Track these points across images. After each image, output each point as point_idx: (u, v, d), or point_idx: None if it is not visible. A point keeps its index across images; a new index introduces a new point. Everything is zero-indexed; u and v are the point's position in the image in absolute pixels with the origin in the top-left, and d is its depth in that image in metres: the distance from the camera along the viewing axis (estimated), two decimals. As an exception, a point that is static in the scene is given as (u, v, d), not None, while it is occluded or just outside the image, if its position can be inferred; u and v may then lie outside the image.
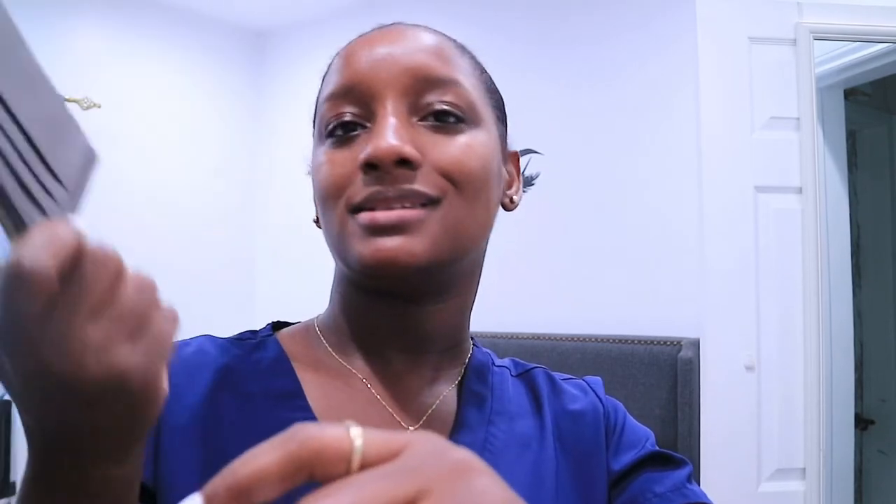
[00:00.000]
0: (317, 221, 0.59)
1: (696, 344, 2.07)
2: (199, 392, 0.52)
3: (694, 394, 2.04)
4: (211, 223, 3.41)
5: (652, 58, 2.50)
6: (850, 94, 2.62)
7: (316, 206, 0.57)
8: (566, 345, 2.44)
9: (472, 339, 0.62)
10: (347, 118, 0.52)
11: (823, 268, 1.93)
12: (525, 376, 0.64)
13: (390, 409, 0.55)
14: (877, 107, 2.96)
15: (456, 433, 0.55)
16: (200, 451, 0.50)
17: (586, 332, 2.45)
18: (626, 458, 0.59)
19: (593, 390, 0.64)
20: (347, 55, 0.54)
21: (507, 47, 2.89)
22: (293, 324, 0.62)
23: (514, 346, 2.56)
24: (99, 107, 3.01)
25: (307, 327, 0.61)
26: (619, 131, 2.58)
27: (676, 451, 0.61)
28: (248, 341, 0.58)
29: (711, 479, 1.79)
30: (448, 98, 0.52)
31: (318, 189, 0.53)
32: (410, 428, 0.54)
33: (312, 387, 0.55)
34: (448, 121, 0.52)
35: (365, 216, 0.49)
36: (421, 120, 0.52)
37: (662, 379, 2.17)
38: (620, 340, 2.33)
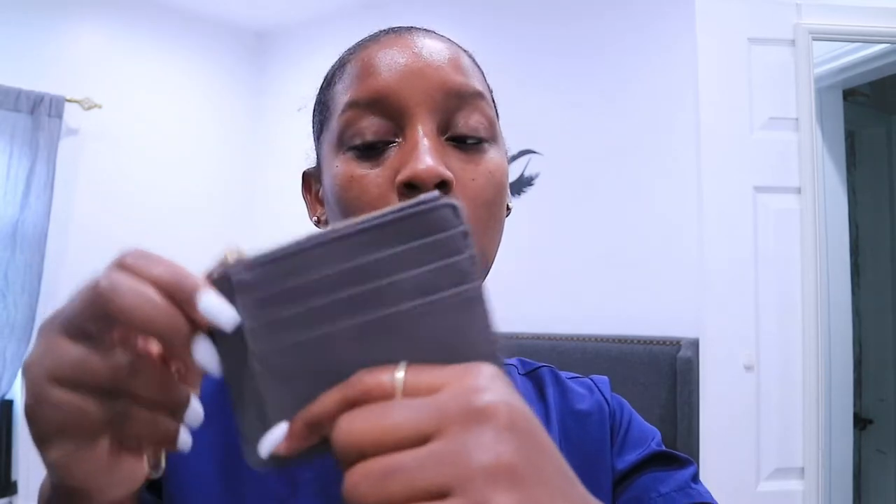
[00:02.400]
0: (318, 223, 0.58)
1: (695, 343, 2.07)
2: (220, 430, 0.50)
3: (693, 393, 2.04)
4: (211, 223, 3.41)
5: (651, 58, 2.51)
6: (849, 95, 2.62)
7: (326, 211, 0.56)
8: (566, 345, 2.44)
9: None
10: (371, 135, 0.51)
11: (822, 267, 1.93)
12: (532, 375, 0.64)
13: None
14: (875, 107, 2.96)
15: None
16: (213, 431, 0.49)
17: (586, 332, 2.45)
18: (631, 456, 0.58)
19: (599, 389, 0.64)
20: (370, 61, 0.52)
21: (507, 48, 2.89)
22: None
23: (515, 345, 2.57)
24: (99, 107, 3.01)
25: None
26: (619, 131, 2.58)
27: (676, 451, 0.61)
28: None
29: (710, 478, 1.79)
30: (475, 117, 0.52)
31: (345, 204, 0.51)
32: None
33: None
34: (474, 141, 0.52)
35: None
36: (448, 139, 0.51)
37: (662, 378, 2.18)
38: (620, 340, 2.33)
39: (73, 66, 3.03)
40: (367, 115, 0.51)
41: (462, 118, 0.51)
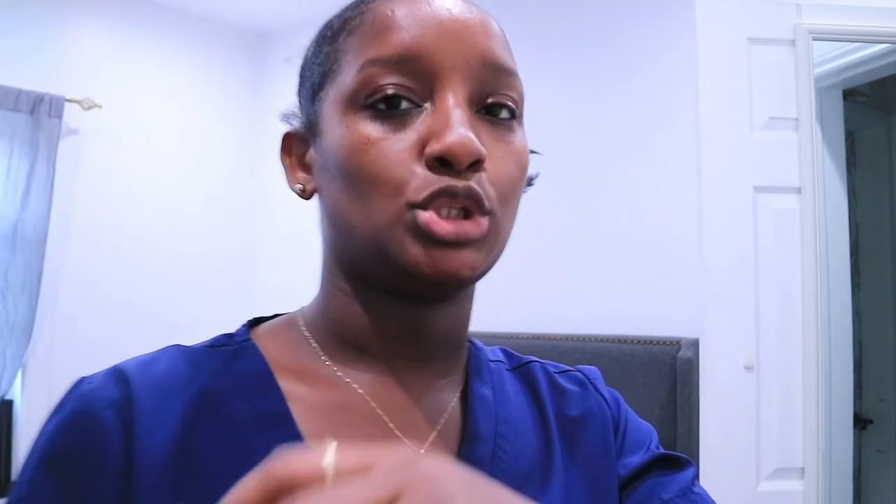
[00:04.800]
0: (303, 192, 0.51)
1: (695, 344, 2.07)
2: (175, 419, 0.44)
3: (693, 393, 2.04)
4: (211, 223, 3.41)
5: (651, 58, 2.51)
6: (849, 95, 2.62)
7: (316, 179, 0.50)
8: (566, 345, 2.44)
9: None
10: (401, 92, 0.44)
11: (822, 267, 1.93)
12: (521, 371, 0.60)
13: (395, 429, 0.49)
14: (875, 107, 2.96)
15: (465, 447, 0.50)
16: (182, 487, 0.43)
17: (586, 332, 2.45)
18: (632, 460, 0.56)
19: (593, 385, 0.60)
20: (399, 13, 0.46)
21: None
22: (270, 317, 0.55)
23: (514, 346, 2.56)
24: (100, 107, 3.01)
25: (290, 326, 0.53)
26: (618, 132, 2.58)
27: (676, 451, 0.60)
28: (224, 348, 0.50)
29: (710, 478, 1.79)
30: (510, 93, 0.48)
31: (355, 168, 0.45)
32: (420, 451, 0.48)
33: (302, 405, 0.47)
34: (507, 117, 0.48)
35: (427, 219, 0.43)
36: (478, 112, 0.47)
37: (662, 379, 2.18)
38: (620, 340, 2.33)
39: (73, 66, 3.03)
40: (391, 74, 0.44)
41: (496, 92, 0.47)
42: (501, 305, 2.71)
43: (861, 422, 2.73)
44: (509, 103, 0.48)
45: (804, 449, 1.84)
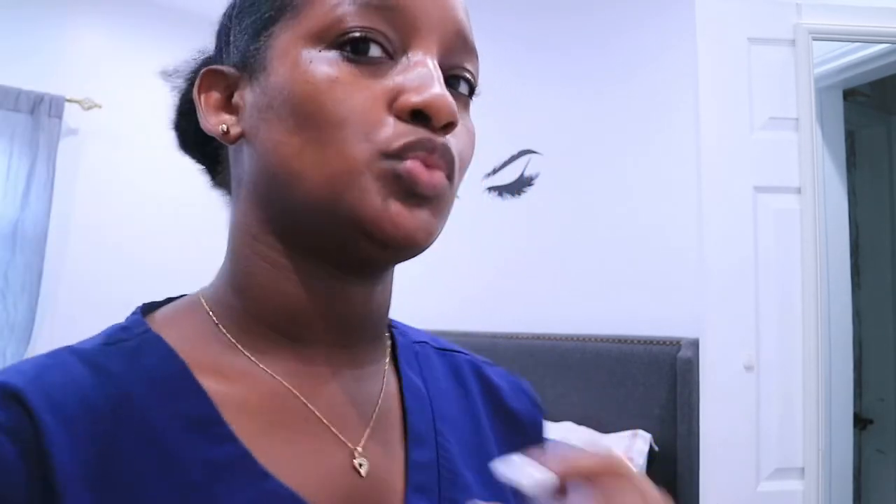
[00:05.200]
0: (226, 134, 0.45)
1: (695, 344, 2.07)
2: (88, 436, 0.37)
3: (693, 393, 2.04)
4: (211, 223, 3.41)
5: (651, 58, 2.51)
6: (849, 95, 2.62)
7: (249, 121, 0.44)
8: (566, 345, 2.44)
9: None
10: (376, 37, 0.42)
11: (822, 267, 1.93)
12: (448, 356, 0.57)
13: (330, 425, 0.45)
14: (875, 107, 2.97)
15: (411, 448, 0.47)
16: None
17: (586, 332, 2.45)
18: None
19: (526, 393, 0.59)
20: None
21: (507, 48, 2.89)
22: (163, 303, 0.49)
23: (514, 345, 2.57)
24: (100, 107, 3.01)
25: (193, 309, 0.46)
26: (619, 132, 2.58)
27: (676, 451, 0.60)
28: (123, 344, 0.43)
29: (710, 478, 1.79)
30: (471, 69, 0.46)
31: (316, 107, 0.41)
32: (358, 449, 0.45)
33: (227, 404, 0.42)
34: (463, 91, 0.46)
35: (411, 167, 0.40)
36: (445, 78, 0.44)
37: (662, 379, 2.18)
38: (620, 340, 2.33)
39: (73, 66, 3.03)
40: (367, 17, 0.41)
41: (459, 65, 0.45)
42: (501, 305, 2.71)
43: (861, 422, 2.73)
44: (469, 78, 0.46)
45: (804, 449, 1.84)
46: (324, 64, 0.41)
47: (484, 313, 2.70)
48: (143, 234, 3.18)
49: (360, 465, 0.44)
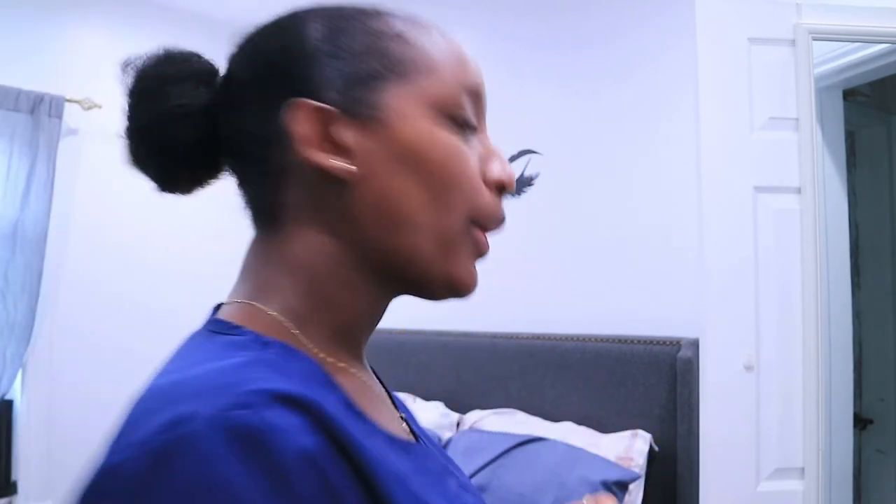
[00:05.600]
0: (350, 174, 0.48)
1: (695, 344, 2.07)
2: (347, 430, 0.39)
3: (693, 393, 2.04)
4: (211, 223, 3.41)
5: (651, 58, 2.51)
6: (849, 95, 2.62)
7: (400, 172, 0.48)
8: (566, 345, 2.44)
9: None
10: (471, 119, 0.52)
11: (822, 268, 1.93)
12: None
13: (394, 408, 0.57)
14: (876, 107, 2.97)
15: (421, 440, 0.58)
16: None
17: (586, 332, 2.45)
18: None
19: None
20: (464, 52, 0.54)
21: (507, 48, 2.89)
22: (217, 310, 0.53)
23: (514, 345, 2.57)
24: (100, 107, 3.01)
25: (269, 320, 0.48)
26: (619, 131, 2.58)
27: (676, 451, 0.61)
28: (274, 351, 0.45)
29: (710, 478, 1.79)
30: None
31: (445, 172, 0.48)
32: (404, 424, 0.56)
33: (351, 394, 0.47)
34: None
35: (481, 239, 0.51)
36: None
37: (662, 379, 2.18)
38: (620, 340, 2.33)
39: (73, 66, 3.03)
40: (467, 99, 0.51)
41: None
42: (501, 305, 2.71)
43: (861, 422, 2.73)
44: None
45: (804, 449, 1.84)
46: (447, 135, 0.49)
47: (484, 313, 2.70)
48: (143, 234, 3.18)
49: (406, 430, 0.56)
